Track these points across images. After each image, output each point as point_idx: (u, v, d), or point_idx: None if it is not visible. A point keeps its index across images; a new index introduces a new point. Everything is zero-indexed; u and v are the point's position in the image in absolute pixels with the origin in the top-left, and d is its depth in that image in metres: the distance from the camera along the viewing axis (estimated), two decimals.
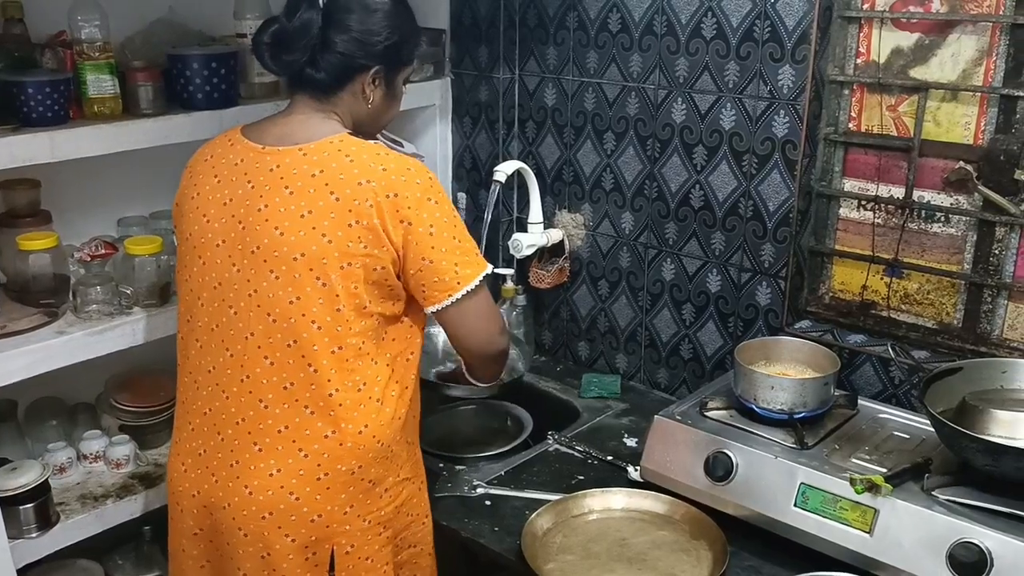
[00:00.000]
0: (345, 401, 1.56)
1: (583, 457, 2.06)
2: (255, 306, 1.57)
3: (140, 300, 2.03)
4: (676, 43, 2.10)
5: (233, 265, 1.59)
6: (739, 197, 2.09)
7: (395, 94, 1.69)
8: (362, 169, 1.53)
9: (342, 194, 1.51)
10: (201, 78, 2.01)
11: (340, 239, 1.51)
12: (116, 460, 2.13)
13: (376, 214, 1.51)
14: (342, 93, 1.61)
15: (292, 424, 1.57)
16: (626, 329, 2.38)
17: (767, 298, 2.10)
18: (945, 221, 1.89)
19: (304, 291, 1.53)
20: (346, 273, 1.53)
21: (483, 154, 2.50)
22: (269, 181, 1.56)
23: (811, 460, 1.70)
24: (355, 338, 1.56)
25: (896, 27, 1.87)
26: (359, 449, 1.58)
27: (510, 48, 2.39)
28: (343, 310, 1.54)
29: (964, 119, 1.82)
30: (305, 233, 1.52)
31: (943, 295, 1.92)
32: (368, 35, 1.57)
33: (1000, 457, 1.51)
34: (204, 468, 1.64)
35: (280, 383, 1.57)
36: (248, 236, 1.57)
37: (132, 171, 2.15)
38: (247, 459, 1.59)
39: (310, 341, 1.55)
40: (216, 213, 1.62)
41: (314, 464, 1.56)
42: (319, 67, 1.57)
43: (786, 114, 1.98)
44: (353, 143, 1.57)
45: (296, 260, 1.53)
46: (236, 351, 1.60)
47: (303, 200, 1.53)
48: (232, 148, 1.64)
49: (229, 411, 1.61)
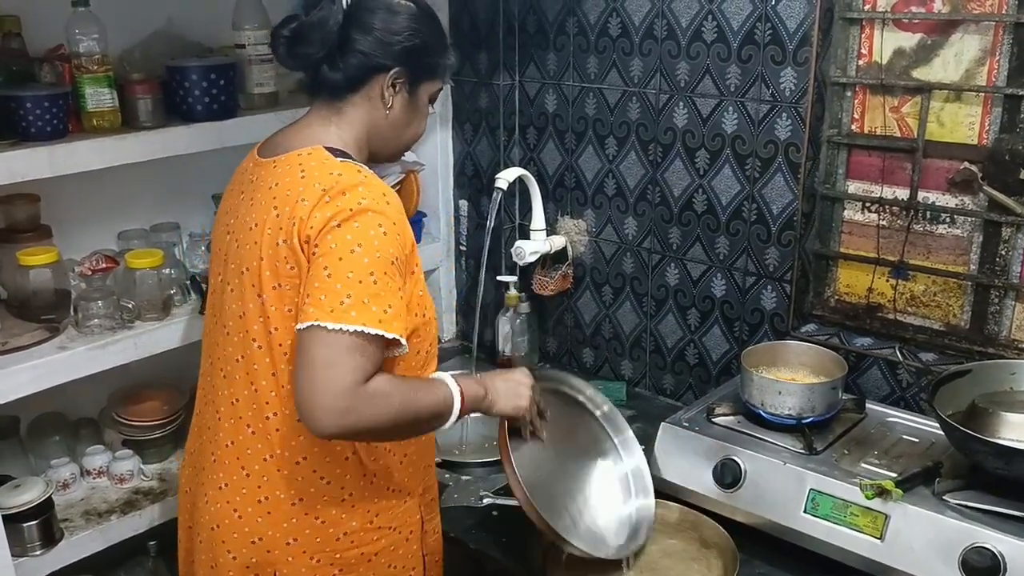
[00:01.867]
0: (282, 427, 1.50)
1: None
2: (220, 316, 1.57)
3: (142, 314, 2.02)
4: (677, 47, 2.09)
5: (219, 275, 1.60)
6: (743, 201, 2.08)
7: (418, 107, 1.60)
8: (307, 186, 1.43)
9: (282, 210, 1.44)
10: (200, 89, 2.00)
11: (270, 257, 1.45)
12: (120, 475, 2.12)
13: (299, 234, 1.41)
14: (357, 97, 1.53)
15: (236, 440, 1.54)
16: (631, 335, 2.37)
17: (772, 302, 2.09)
18: (950, 222, 1.87)
19: (248, 307, 1.50)
20: (279, 294, 1.45)
21: (484, 161, 2.49)
22: (249, 192, 1.55)
23: (820, 465, 1.69)
24: (291, 365, 1.45)
25: (898, 28, 1.85)
26: (297, 481, 1.51)
27: (510, 54, 2.38)
28: (275, 334, 1.46)
29: (968, 119, 1.81)
30: (249, 247, 1.49)
31: (950, 297, 1.91)
32: (388, 34, 1.51)
33: (1012, 460, 1.49)
34: (193, 467, 1.66)
35: (229, 397, 1.55)
36: (228, 247, 1.57)
37: (132, 184, 2.15)
38: (208, 467, 1.59)
39: (252, 359, 1.50)
40: (220, 222, 1.64)
41: (255, 485, 1.52)
42: (335, 66, 1.51)
43: (788, 117, 1.96)
44: (317, 158, 1.47)
45: (243, 274, 1.50)
46: (212, 359, 1.61)
47: (255, 213, 1.50)
48: (248, 158, 1.64)
49: (204, 418, 1.63)
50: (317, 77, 1.55)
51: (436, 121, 2.51)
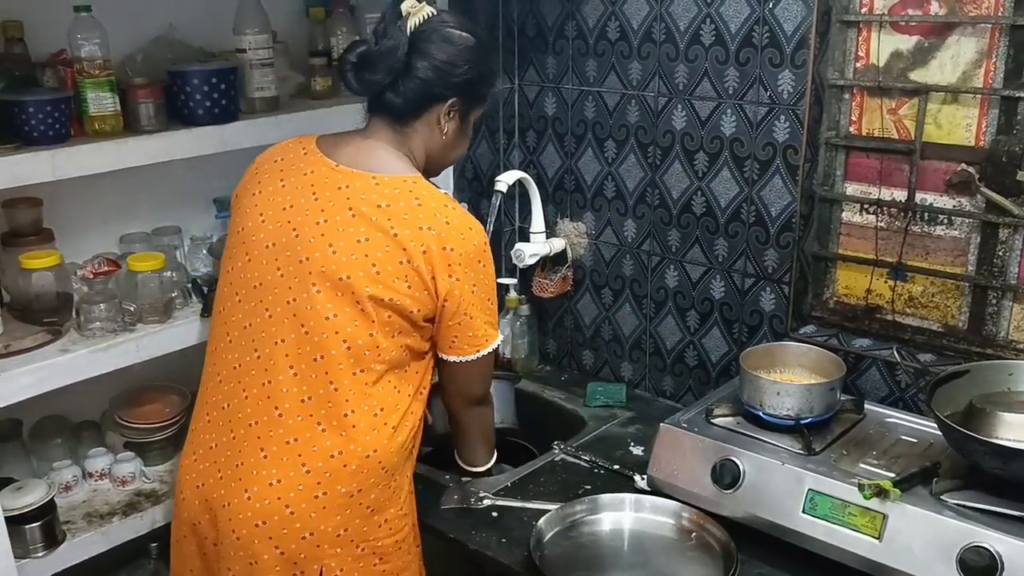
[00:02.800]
0: (360, 423, 1.58)
1: (589, 467, 2.06)
2: (291, 314, 1.59)
3: (143, 316, 2.03)
4: (675, 50, 2.10)
5: (278, 269, 1.62)
6: (741, 203, 2.09)
7: (467, 132, 1.75)
8: (427, 215, 1.58)
9: (401, 232, 1.56)
10: (201, 94, 2.01)
11: (388, 273, 1.56)
12: (122, 477, 2.13)
13: (426, 261, 1.57)
14: (417, 123, 1.66)
15: (302, 438, 1.57)
16: (630, 337, 2.37)
17: (771, 304, 2.09)
18: (948, 223, 1.88)
19: (343, 310, 1.57)
20: (385, 304, 1.57)
21: (484, 164, 2.50)
22: (335, 198, 1.60)
23: (819, 466, 1.70)
24: (380, 365, 1.60)
25: (895, 30, 1.86)
26: (362, 473, 1.58)
27: (509, 58, 2.39)
28: (375, 336, 1.58)
29: (965, 121, 1.82)
30: (357, 257, 1.56)
31: (948, 298, 1.91)
32: (449, 66, 1.62)
33: (1009, 460, 1.50)
34: (212, 462, 1.65)
35: (299, 395, 1.58)
36: (300, 245, 1.60)
37: (133, 188, 2.16)
38: (252, 463, 1.59)
39: (337, 360, 1.57)
40: (273, 215, 1.65)
41: (314, 481, 1.56)
42: (399, 91, 1.62)
43: (787, 119, 1.97)
44: (425, 188, 1.62)
45: (342, 280, 1.56)
46: (264, 354, 1.61)
47: (363, 226, 1.57)
48: (304, 158, 1.68)
49: (245, 411, 1.62)
50: (380, 99, 1.64)
51: None
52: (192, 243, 2.26)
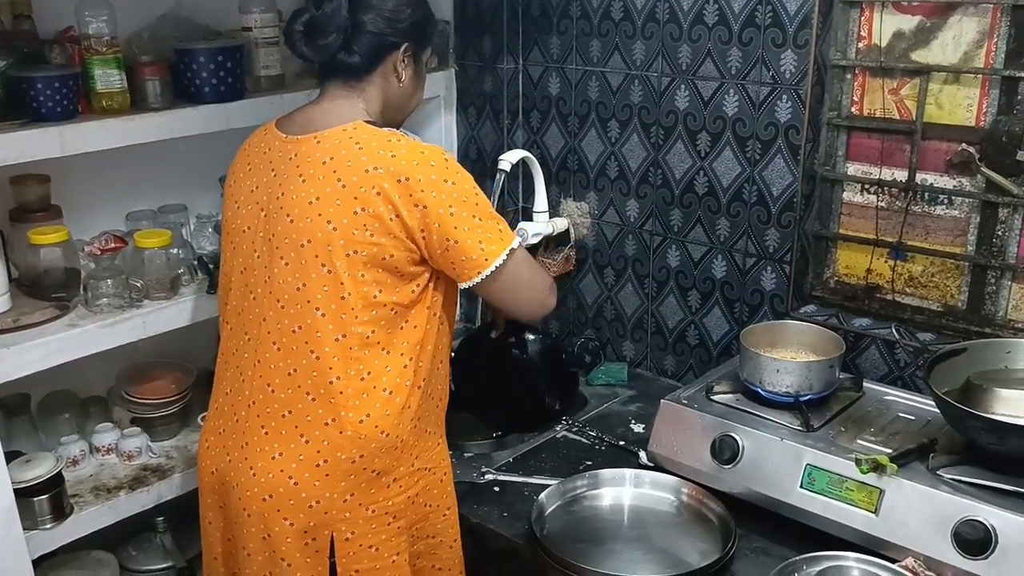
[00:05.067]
0: (346, 389, 1.57)
1: (591, 443, 2.08)
2: (268, 292, 1.61)
3: (150, 293, 2.05)
4: (679, 30, 2.11)
5: (255, 252, 1.64)
6: (743, 183, 2.10)
7: (421, 76, 1.74)
8: (370, 156, 1.54)
9: (348, 181, 1.54)
10: (208, 72, 2.02)
11: (345, 226, 1.54)
12: (128, 452, 2.15)
13: (383, 202, 1.52)
14: (373, 76, 1.65)
15: (295, 409, 1.59)
16: (632, 317, 2.39)
17: (772, 283, 2.11)
18: (948, 203, 1.89)
19: (310, 277, 1.56)
20: (352, 261, 1.55)
21: (488, 145, 2.51)
22: (288, 169, 1.61)
23: (817, 442, 1.72)
24: (362, 327, 1.57)
25: (897, 10, 1.87)
26: (360, 439, 1.58)
27: (513, 38, 2.40)
28: (348, 298, 1.56)
29: (966, 101, 1.83)
30: (312, 220, 1.55)
31: (947, 277, 1.93)
32: (395, 13, 1.62)
33: (1005, 435, 1.52)
34: (222, 447, 1.68)
35: (286, 368, 1.59)
36: (267, 224, 1.61)
37: (140, 165, 2.17)
38: (255, 441, 1.62)
39: (314, 328, 1.57)
40: (245, 200, 1.68)
41: (314, 451, 1.58)
42: (352, 50, 1.61)
43: (789, 99, 1.98)
44: (366, 131, 1.58)
45: (303, 247, 1.56)
46: (253, 335, 1.64)
47: (312, 187, 1.56)
48: (265, 137, 1.70)
49: (244, 393, 1.65)
50: (333, 62, 1.63)
51: (440, 105, 2.54)
52: (198, 221, 2.27)
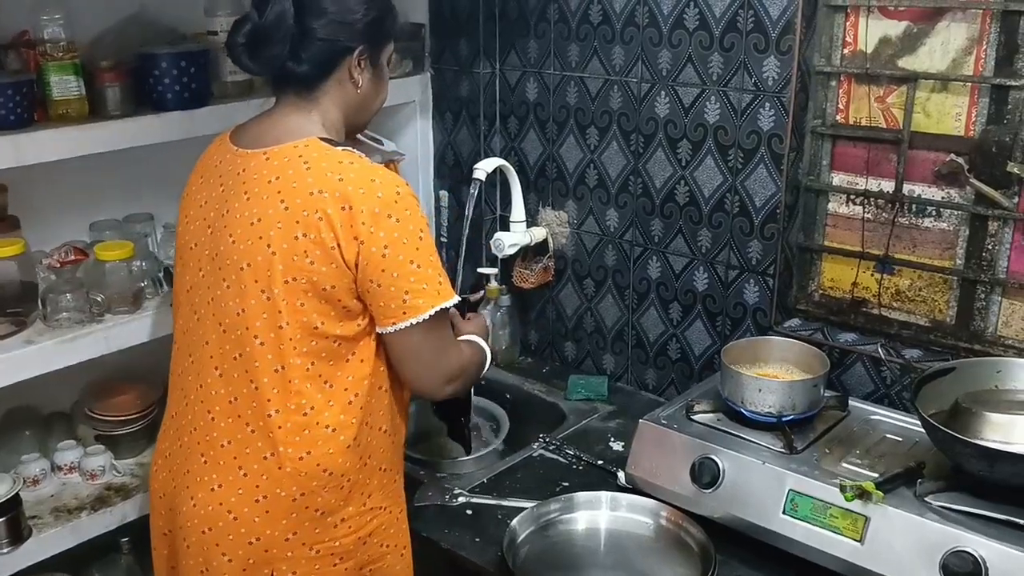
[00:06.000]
0: (285, 424, 1.48)
1: (568, 462, 2.01)
2: (211, 314, 1.53)
3: (112, 307, 1.98)
4: (658, 34, 2.05)
5: (200, 270, 1.56)
6: (725, 193, 2.03)
7: (382, 75, 1.62)
8: (317, 178, 1.43)
9: (292, 203, 1.44)
10: (170, 78, 1.95)
11: (285, 251, 1.44)
12: (91, 471, 2.08)
13: (326, 228, 1.42)
14: (327, 84, 1.54)
15: (234, 440, 1.51)
16: (612, 329, 2.33)
17: (755, 296, 2.05)
18: (936, 215, 1.83)
19: (249, 303, 1.47)
20: (291, 288, 1.44)
21: (465, 151, 2.44)
22: (235, 185, 1.52)
23: (800, 465, 1.65)
24: (301, 359, 1.47)
25: (883, 15, 1.81)
26: (300, 476, 1.49)
27: (490, 42, 2.33)
28: (286, 328, 1.46)
29: (955, 110, 1.76)
30: (252, 242, 1.46)
31: (936, 292, 1.86)
32: (347, 14, 1.50)
33: (995, 462, 1.46)
34: (168, 471, 1.62)
35: (227, 396, 1.52)
36: (213, 242, 1.53)
37: (104, 173, 2.09)
38: (195, 469, 1.55)
39: (252, 357, 1.48)
40: (194, 215, 1.59)
41: (253, 484, 1.50)
42: (301, 59, 1.50)
43: (772, 107, 1.92)
44: (317, 149, 1.47)
45: (243, 270, 1.47)
46: (196, 358, 1.56)
47: (256, 207, 1.47)
48: (217, 149, 1.61)
49: (187, 417, 1.58)
50: (282, 73, 1.53)
51: (416, 110, 2.47)
52: (165, 231, 2.20)
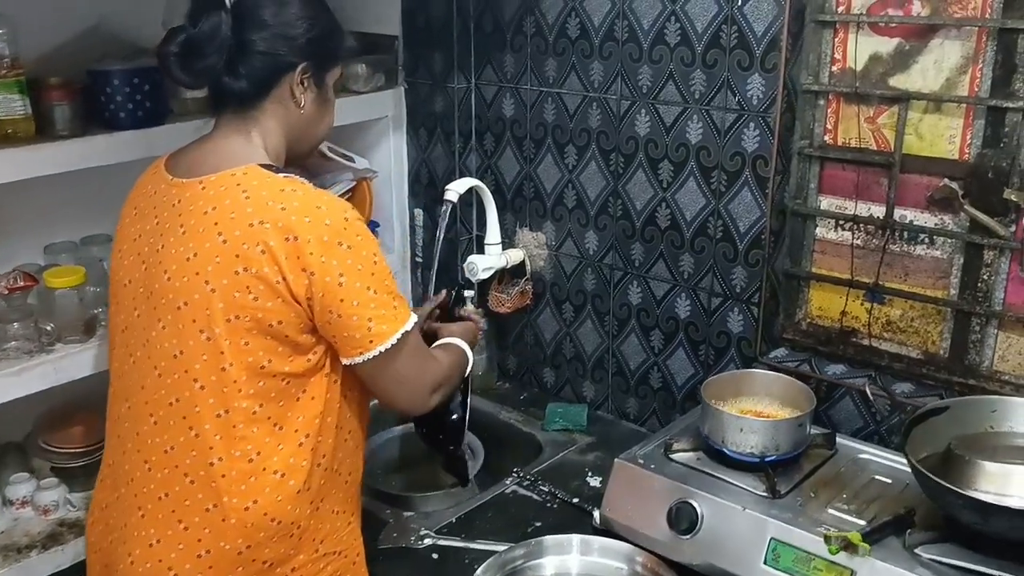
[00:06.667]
0: (229, 472, 1.39)
1: (543, 500, 1.91)
2: (147, 357, 1.43)
3: (62, 335, 1.88)
4: (638, 50, 1.95)
5: (135, 309, 1.46)
6: (708, 216, 1.94)
7: (327, 98, 1.53)
8: (257, 208, 1.34)
9: (230, 236, 1.34)
10: (123, 95, 1.86)
11: (225, 288, 1.34)
12: (44, 506, 1.99)
13: (268, 262, 1.33)
14: (267, 102, 1.45)
15: (172, 492, 1.41)
16: (592, 355, 2.23)
17: (739, 325, 1.95)
18: (929, 243, 1.73)
19: (187, 344, 1.37)
20: (233, 327, 1.35)
21: (440, 169, 2.34)
22: (170, 218, 1.42)
23: (783, 511, 1.56)
24: (247, 401, 1.38)
25: (874, 32, 1.71)
26: (246, 527, 1.40)
27: (465, 55, 2.23)
28: (230, 369, 1.36)
29: (948, 132, 1.67)
30: (189, 279, 1.36)
31: (928, 323, 1.76)
32: (288, 28, 1.42)
33: (989, 516, 1.36)
34: (105, 524, 1.52)
35: (162, 445, 1.41)
36: (147, 279, 1.43)
37: (60, 194, 1.99)
38: (132, 523, 1.44)
39: (192, 401, 1.38)
40: (127, 249, 1.49)
41: (194, 539, 1.40)
42: (238, 74, 1.41)
43: (756, 127, 1.82)
44: (256, 176, 1.38)
45: (180, 309, 1.38)
46: (132, 403, 1.46)
47: (192, 241, 1.37)
48: (152, 178, 1.51)
49: (124, 467, 1.47)
50: (219, 89, 1.43)
51: (390, 126, 2.37)
52: None
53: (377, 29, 2.34)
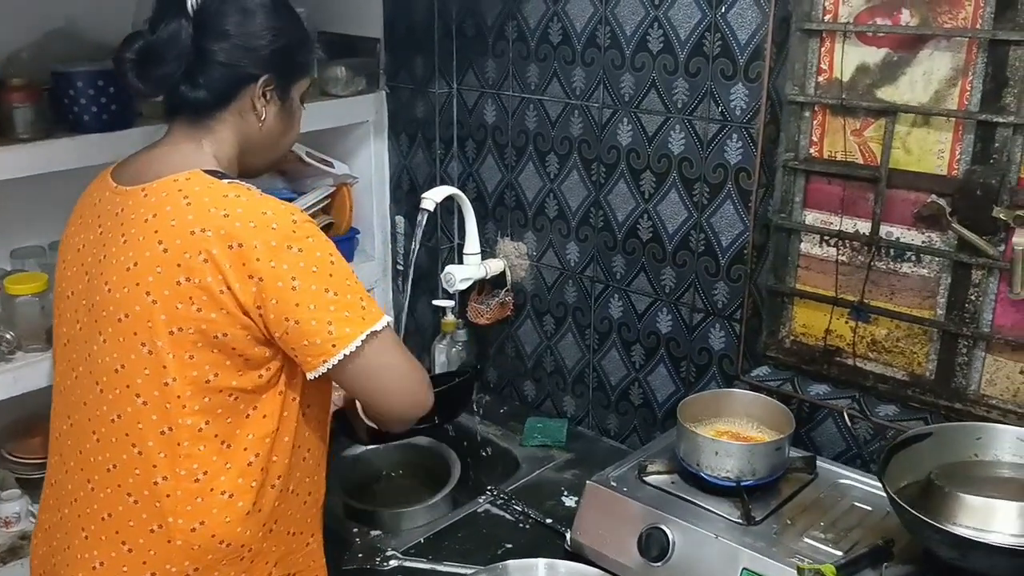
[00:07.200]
0: (175, 492, 1.33)
1: (516, 519, 1.85)
2: (88, 372, 1.37)
3: (23, 344, 1.83)
4: (621, 57, 1.89)
5: (77, 323, 1.40)
6: (690, 230, 1.87)
7: (292, 112, 1.46)
8: (198, 215, 1.28)
9: (171, 244, 1.28)
10: (87, 97, 1.81)
11: (167, 299, 1.28)
12: (5, 518, 1.94)
13: (212, 271, 1.27)
14: (225, 113, 1.39)
15: (115, 512, 1.35)
16: (573, 369, 2.17)
17: (721, 342, 1.88)
18: (916, 261, 1.67)
19: (129, 358, 1.31)
20: (177, 340, 1.29)
21: (421, 176, 2.28)
22: (113, 227, 1.36)
23: (757, 540, 1.50)
24: (192, 418, 1.32)
25: (861, 41, 1.65)
26: (193, 549, 1.34)
27: (447, 60, 2.17)
28: (173, 384, 1.30)
29: (937, 147, 1.60)
30: (129, 289, 1.30)
31: (914, 343, 1.70)
32: (251, 39, 1.36)
33: (968, 552, 1.29)
34: (48, 546, 1.46)
35: (105, 463, 1.35)
36: (89, 291, 1.37)
37: (27, 196, 1.94)
38: (76, 545, 1.38)
39: (134, 418, 1.32)
40: (71, 260, 1.43)
41: (139, 561, 1.34)
42: (197, 84, 1.35)
43: (739, 138, 1.76)
44: (200, 182, 1.32)
45: (120, 321, 1.31)
46: (75, 420, 1.40)
47: (132, 250, 1.31)
48: (98, 186, 1.44)
49: (67, 487, 1.41)
50: (176, 97, 1.37)
51: (371, 131, 2.31)
52: None
53: (358, 31, 2.28)
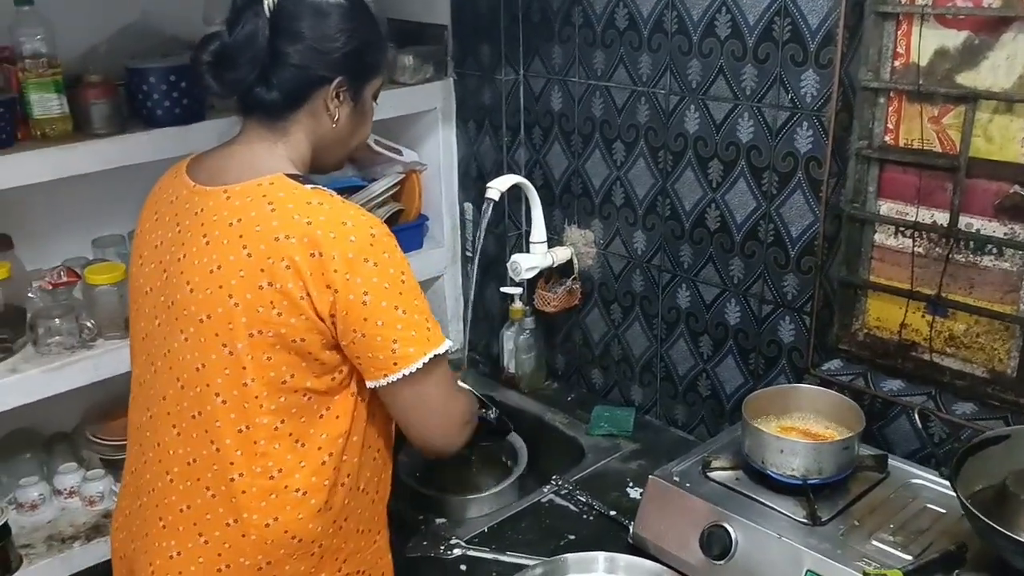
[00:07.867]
0: (250, 488, 1.36)
1: (579, 511, 1.85)
2: (168, 367, 1.40)
3: (103, 332, 1.90)
4: (688, 43, 1.84)
5: (156, 318, 1.43)
6: (759, 220, 1.83)
7: (364, 111, 1.47)
8: (283, 221, 1.30)
9: (255, 250, 1.30)
10: (159, 92, 1.86)
11: (249, 302, 1.30)
12: (90, 497, 2.02)
13: (293, 277, 1.28)
14: (299, 114, 1.39)
15: (193, 504, 1.39)
16: (641, 359, 2.14)
17: (791, 335, 1.84)
18: (998, 254, 1.60)
19: (209, 358, 1.34)
20: (256, 342, 1.31)
21: (488, 163, 2.28)
22: (192, 226, 1.38)
23: (822, 541, 1.46)
24: (269, 417, 1.34)
25: (940, 24, 1.58)
26: (266, 544, 1.37)
27: (513, 47, 2.15)
28: (252, 385, 1.33)
29: (1020, 135, 1.53)
30: (212, 292, 1.33)
31: (995, 339, 1.63)
32: (324, 41, 1.35)
33: None
34: (127, 531, 1.50)
35: (185, 457, 1.39)
36: (168, 288, 1.40)
37: (106, 187, 1.99)
38: (154, 533, 1.43)
39: (213, 416, 1.35)
40: (149, 256, 1.46)
41: (214, 553, 1.38)
42: (271, 85, 1.36)
43: (809, 126, 1.70)
44: (283, 187, 1.33)
45: (202, 322, 1.34)
46: (154, 413, 1.44)
47: (216, 253, 1.33)
48: (173, 182, 1.46)
49: (146, 476, 1.45)
50: (250, 98, 1.38)
51: (439, 118, 2.31)
52: None
53: (426, 18, 2.28)
